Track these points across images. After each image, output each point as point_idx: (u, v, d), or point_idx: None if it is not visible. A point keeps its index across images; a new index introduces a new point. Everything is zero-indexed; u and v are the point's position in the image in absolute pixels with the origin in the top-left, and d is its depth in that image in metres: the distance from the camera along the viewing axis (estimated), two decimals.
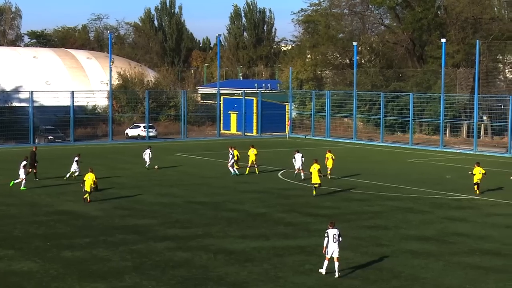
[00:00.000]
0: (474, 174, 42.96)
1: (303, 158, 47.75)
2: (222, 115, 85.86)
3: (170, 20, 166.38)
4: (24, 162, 43.56)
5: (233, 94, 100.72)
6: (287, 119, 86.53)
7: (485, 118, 79.42)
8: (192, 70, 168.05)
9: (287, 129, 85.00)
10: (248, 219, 34.28)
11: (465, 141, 75.53)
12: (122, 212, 35.64)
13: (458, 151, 68.76)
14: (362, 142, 76.49)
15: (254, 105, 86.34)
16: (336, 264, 24.36)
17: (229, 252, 27.40)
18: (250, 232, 31.06)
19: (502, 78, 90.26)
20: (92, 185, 38.36)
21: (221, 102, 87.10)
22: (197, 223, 33.12)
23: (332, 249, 24.32)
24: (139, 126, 79.36)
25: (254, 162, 50.19)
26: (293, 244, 28.90)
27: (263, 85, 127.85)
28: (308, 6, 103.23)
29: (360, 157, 59.35)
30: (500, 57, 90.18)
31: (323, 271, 24.51)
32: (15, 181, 42.90)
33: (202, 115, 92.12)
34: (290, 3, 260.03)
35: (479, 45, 69.10)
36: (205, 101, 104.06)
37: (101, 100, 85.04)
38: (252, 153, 50.30)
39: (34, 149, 48.20)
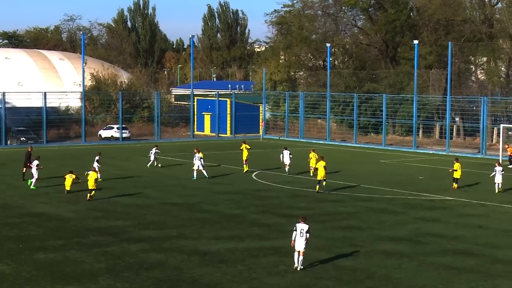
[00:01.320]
0: (456, 170, 44.54)
1: (290, 155, 51.20)
2: (195, 116, 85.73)
3: (144, 21, 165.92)
4: (37, 162, 44.01)
5: (207, 95, 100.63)
6: (261, 120, 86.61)
7: (457, 119, 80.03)
8: (165, 71, 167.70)
9: (261, 130, 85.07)
10: (222, 220, 34.25)
11: (438, 142, 76.04)
12: (96, 214, 35.46)
13: (431, 152, 69.19)
14: (336, 143, 76.75)
15: (228, 106, 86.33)
16: (300, 258, 25.00)
17: (203, 254, 27.36)
18: (224, 233, 31.04)
19: (474, 80, 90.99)
20: (94, 184, 39.23)
21: (195, 103, 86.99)
22: (171, 224, 33.04)
23: (299, 243, 24.94)
24: (112, 128, 79.02)
25: (247, 158, 52.23)
26: (267, 245, 28.91)
27: (237, 86, 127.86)
28: (281, 7, 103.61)
29: (334, 158, 59.50)
30: (472, 59, 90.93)
31: (295, 265, 25.10)
32: (32, 180, 43.48)
33: (175, 116, 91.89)
34: (263, 4, 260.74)
35: (451, 47, 69.60)
36: (178, 102, 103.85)
37: (74, 101, 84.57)
38: (245, 148, 52.55)
39: (29, 149, 48.28)
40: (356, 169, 55.42)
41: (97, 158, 47.12)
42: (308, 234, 25.06)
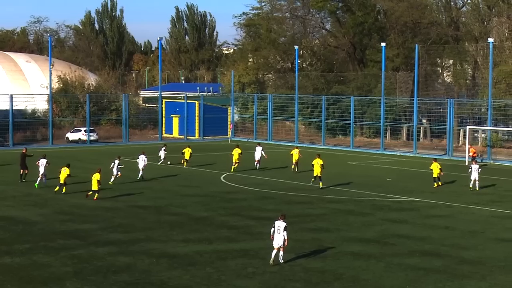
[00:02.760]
0: (432, 170, 47.02)
1: (263, 151, 54.29)
2: (164, 118, 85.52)
3: (111, 23, 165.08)
4: (45, 160, 45.60)
5: (175, 98, 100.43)
6: (229, 123, 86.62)
7: (424, 121, 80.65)
8: (133, 74, 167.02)
9: (229, 133, 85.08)
10: (190, 223, 34.20)
11: (405, 144, 76.55)
12: (63, 217, 35.22)
13: (398, 154, 69.65)
14: (304, 145, 76.90)
15: (196, 108, 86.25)
16: (280, 253, 25.88)
17: (172, 256, 27.29)
18: (192, 236, 30.99)
19: (441, 82, 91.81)
20: (97, 185, 40.06)
21: (163, 105, 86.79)
22: (140, 227, 32.92)
23: (277, 239, 25.82)
24: (80, 130, 78.55)
25: (237, 161, 53.49)
26: (236, 247, 28.92)
27: (205, 88, 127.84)
28: (249, 10, 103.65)
29: (302, 160, 59.62)
30: (439, 61, 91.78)
31: (271, 261, 25.81)
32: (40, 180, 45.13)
33: (144, 118, 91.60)
34: (231, 6, 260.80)
35: (418, 49, 70.14)
36: (147, 105, 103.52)
37: (41, 104, 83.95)
38: (236, 152, 53.80)
39: (24, 151, 48.62)
40: (324, 171, 55.51)
41: (117, 162, 47.18)
42: (285, 232, 25.75)
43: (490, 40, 65.53)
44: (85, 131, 77.55)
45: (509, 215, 37.30)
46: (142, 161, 49.92)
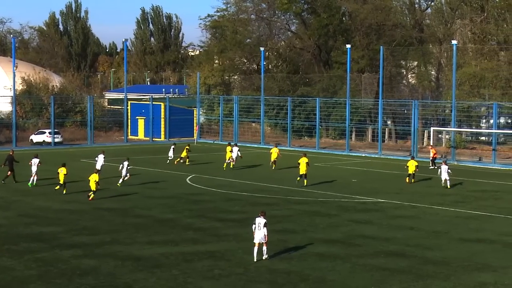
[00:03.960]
0: (408, 166, 49.47)
1: (238, 152, 56.92)
2: (129, 120, 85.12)
3: (76, 24, 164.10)
4: (37, 160, 46.62)
5: (140, 99, 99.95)
6: (195, 124, 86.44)
7: (389, 122, 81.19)
8: (98, 75, 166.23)
9: (195, 134, 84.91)
10: (156, 225, 34.06)
11: (370, 145, 77.01)
12: (27, 220, 34.89)
13: (363, 155, 70.00)
14: (270, 147, 76.86)
15: (162, 110, 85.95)
16: (264, 248, 26.82)
17: (137, 259, 27.16)
18: (158, 238, 30.87)
19: (405, 83, 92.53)
20: (95, 186, 40.87)
21: (129, 107, 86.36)
22: (105, 229, 32.72)
23: (258, 235, 26.65)
24: (44, 132, 77.87)
25: (232, 158, 56.60)
26: (202, 249, 28.86)
27: (171, 90, 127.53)
28: (215, 12, 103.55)
29: (268, 161, 59.74)
30: (403, 63, 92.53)
31: (253, 257, 26.62)
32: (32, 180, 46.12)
33: (109, 120, 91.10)
34: (197, 8, 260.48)
35: (383, 51, 70.59)
36: (112, 107, 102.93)
37: (4, 106, 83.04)
38: (228, 152, 56.83)
39: (11, 153, 48.89)
40: (290, 172, 55.68)
41: (126, 163, 47.14)
42: (265, 228, 26.59)
43: (454, 42, 66.12)
44: (49, 133, 76.90)
45: (473, 215, 37.67)
46: (100, 161, 50.30)
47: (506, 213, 38.19)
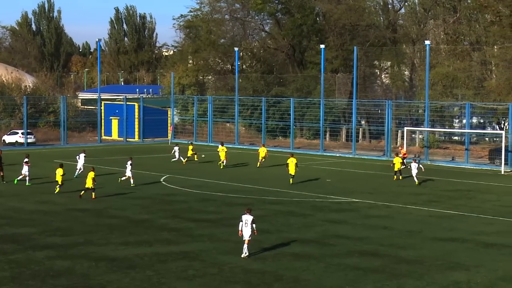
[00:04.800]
0: (394, 164, 51.14)
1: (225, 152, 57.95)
2: (103, 121, 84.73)
3: (49, 24, 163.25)
4: (26, 159, 46.98)
5: (114, 100, 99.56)
6: (169, 125, 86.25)
7: (363, 122, 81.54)
8: (72, 75, 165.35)
9: (169, 135, 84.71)
10: (130, 225, 33.94)
11: (345, 145, 77.29)
12: (0, 221, 34.60)
13: (337, 155, 70.22)
14: (244, 147, 77.07)
15: (136, 110, 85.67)
16: (245, 246, 27.32)
17: (111, 260, 27.05)
18: (132, 239, 30.76)
19: (379, 83, 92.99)
20: (92, 183, 41.18)
21: (102, 107, 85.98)
22: (78, 230, 32.55)
23: (245, 232, 27.35)
24: (17, 133, 77.34)
25: (223, 159, 57.80)
26: (176, 250, 28.80)
27: (145, 90, 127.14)
28: (189, 12, 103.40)
29: (243, 161, 59.83)
30: (377, 63, 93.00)
31: (243, 254, 27.31)
32: (18, 178, 46.85)
33: (82, 121, 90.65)
34: (171, 8, 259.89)
35: (356, 51, 70.84)
36: (85, 107, 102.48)
37: None
38: (222, 151, 57.99)
39: None
40: (264, 172, 55.77)
41: (129, 162, 47.42)
42: (254, 224, 27.24)
43: (427, 42, 66.53)
44: (22, 133, 76.38)
45: (446, 214, 37.93)
46: (81, 160, 50.47)
47: (479, 212, 38.50)
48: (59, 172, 43.29)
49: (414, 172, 49.30)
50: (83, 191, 41.63)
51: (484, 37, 74.29)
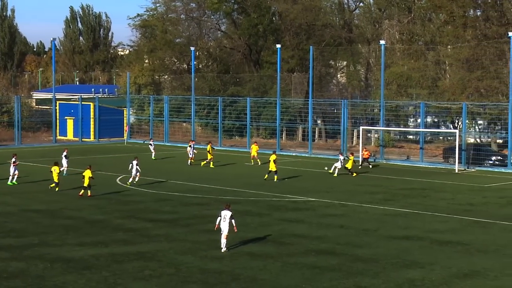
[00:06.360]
0: (349, 159, 53.14)
1: (194, 151, 60.15)
2: (58, 121, 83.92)
3: (2, 23, 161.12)
4: (13, 159, 47.08)
5: (69, 100, 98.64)
6: (125, 125, 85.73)
7: (319, 121, 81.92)
8: (26, 75, 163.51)
9: (125, 135, 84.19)
10: (86, 226, 33.68)
11: (301, 144, 77.55)
12: None
13: (294, 154, 70.45)
14: (201, 147, 76.80)
15: (91, 110, 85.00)
16: (224, 240, 28.16)
17: (67, 261, 26.81)
18: (88, 240, 30.51)
19: (335, 83, 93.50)
20: (87, 181, 41.52)
21: (57, 107, 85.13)
22: (33, 231, 32.19)
23: (223, 227, 28.11)
24: None
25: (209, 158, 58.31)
26: (132, 250, 28.64)
27: (101, 90, 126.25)
28: (144, 11, 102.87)
29: (198, 161, 59.70)
30: (333, 63, 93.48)
31: (223, 249, 28.12)
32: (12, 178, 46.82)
33: (37, 121, 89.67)
34: (126, 7, 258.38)
35: (312, 51, 71.13)
36: (40, 107, 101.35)
37: None
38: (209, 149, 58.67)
39: None
40: (221, 172, 55.75)
41: (135, 162, 46.92)
42: (233, 220, 28.16)
43: (382, 42, 67.08)
44: None
45: (401, 213, 38.28)
46: (64, 160, 51.33)
47: (433, 210, 38.94)
48: (56, 170, 43.66)
49: (338, 164, 52.29)
50: (82, 190, 41.85)
51: (438, 37, 75.05)
